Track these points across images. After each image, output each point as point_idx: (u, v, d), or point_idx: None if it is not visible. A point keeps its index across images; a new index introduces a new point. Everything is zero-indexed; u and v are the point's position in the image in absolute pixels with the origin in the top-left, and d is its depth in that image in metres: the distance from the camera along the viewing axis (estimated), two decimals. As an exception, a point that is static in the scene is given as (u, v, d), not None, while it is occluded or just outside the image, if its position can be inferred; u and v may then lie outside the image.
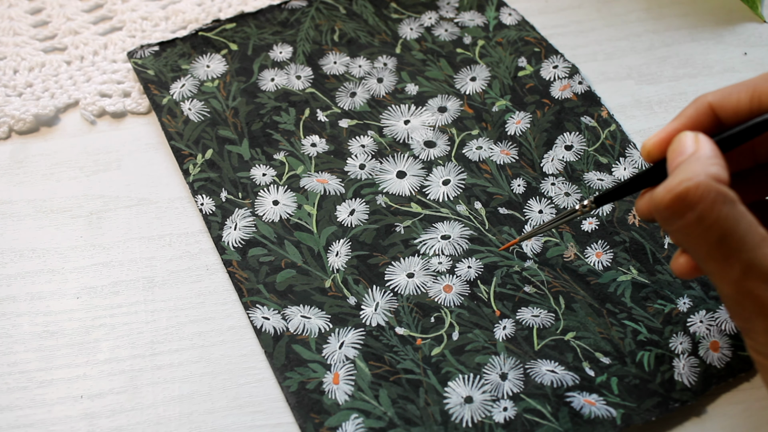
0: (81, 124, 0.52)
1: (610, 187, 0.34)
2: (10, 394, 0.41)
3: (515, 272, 0.45)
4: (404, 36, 0.56)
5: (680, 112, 0.34)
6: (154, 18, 0.58)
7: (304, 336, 0.42)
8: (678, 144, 0.32)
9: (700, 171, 0.30)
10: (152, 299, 0.44)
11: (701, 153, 0.31)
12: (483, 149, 0.50)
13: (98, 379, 0.41)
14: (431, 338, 0.42)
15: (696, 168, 0.30)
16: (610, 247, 0.46)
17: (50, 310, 0.44)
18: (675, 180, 0.30)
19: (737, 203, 0.30)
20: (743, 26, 0.58)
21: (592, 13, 0.59)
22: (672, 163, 0.32)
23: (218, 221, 0.47)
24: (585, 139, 0.50)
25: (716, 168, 0.31)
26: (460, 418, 0.40)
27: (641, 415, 0.39)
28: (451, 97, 0.53)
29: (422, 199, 0.48)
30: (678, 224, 0.31)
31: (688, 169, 0.30)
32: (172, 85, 0.53)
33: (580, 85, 0.53)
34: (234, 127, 0.51)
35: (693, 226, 0.30)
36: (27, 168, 0.50)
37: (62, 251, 0.46)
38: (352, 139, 0.50)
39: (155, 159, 0.50)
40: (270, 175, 0.49)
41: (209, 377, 0.42)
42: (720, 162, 0.31)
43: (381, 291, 0.44)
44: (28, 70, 0.55)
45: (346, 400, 0.40)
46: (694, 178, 0.30)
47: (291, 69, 0.54)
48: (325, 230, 0.46)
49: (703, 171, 0.30)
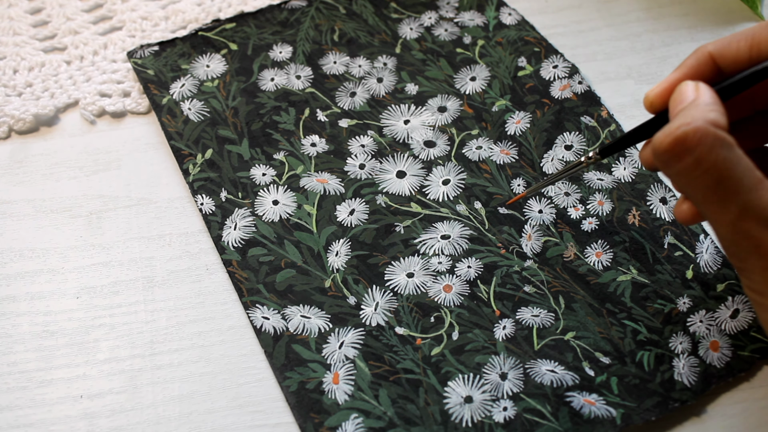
0: (81, 123, 0.52)
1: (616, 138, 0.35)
2: (10, 394, 0.41)
3: (515, 272, 0.45)
4: (404, 36, 0.56)
5: (681, 63, 0.35)
6: (154, 18, 0.58)
7: (303, 336, 0.42)
8: (679, 93, 0.33)
9: (698, 116, 0.31)
10: (152, 299, 0.44)
11: (701, 100, 0.32)
12: (483, 149, 0.50)
13: (98, 379, 0.41)
14: (431, 338, 0.42)
15: (695, 113, 0.31)
16: (609, 246, 0.46)
17: (50, 310, 0.44)
18: (674, 124, 0.31)
19: (734, 147, 0.31)
20: (743, 26, 0.58)
21: (592, 13, 0.59)
22: (673, 111, 0.33)
23: (218, 221, 0.47)
24: (585, 138, 0.50)
25: (715, 114, 0.31)
26: (459, 417, 0.39)
27: (641, 414, 0.39)
28: (451, 97, 0.53)
29: (422, 199, 0.48)
30: (677, 167, 0.32)
31: (688, 115, 0.31)
32: (171, 84, 0.53)
33: (580, 84, 0.53)
34: (234, 126, 0.51)
35: (691, 169, 0.31)
36: (27, 168, 0.50)
37: (62, 251, 0.46)
38: (351, 138, 0.50)
39: (155, 159, 0.50)
40: (270, 174, 0.49)
41: (209, 377, 0.42)
42: (719, 109, 0.32)
43: (381, 291, 0.44)
44: (27, 70, 0.55)
45: (345, 400, 0.40)
46: (692, 123, 0.30)
47: (291, 69, 0.54)
48: (324, 230, 0.46)
49: (701, 116, 0.31)
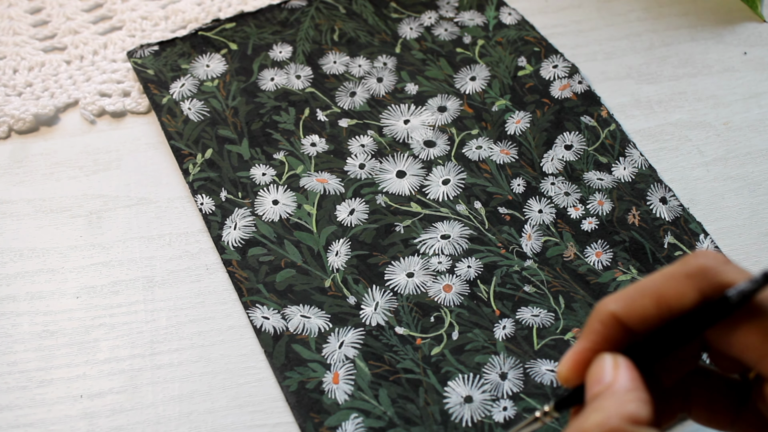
0: (81, 123, 0.52)
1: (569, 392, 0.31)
2: (10, 393, 0.41)
3: (515, 272, 0.45)
4: (404, 35, 0.56)
5: (587, 326, 0.30)
6: (154, 17, 0.58)
7: (303, 336, 0.42)
8: (596, 370, 0.29)
9: (614, 412, 0.27)
10: (152, 299, 0.44)
11: (618, 386, 0.28)
12: (483, 149, 0.50)
13: (98, 379, 0.41)
14: (431, 338, 0.42)
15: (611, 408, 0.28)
16: (609, 246, 0.46)
17: (50, 310, 0.44)
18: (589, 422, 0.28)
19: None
20: (743, 26, 0.58)
21: (592, 12, 0.59)
22: (590, 390, 0.29)
23: (218, 221, 0.47)
24: (585, 138, 0.50)
25: (633, 405, 0.28)
26: (459, 417, 0.39)
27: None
28: (451, 97, 0.53)
29: (422, 199, 0.48)
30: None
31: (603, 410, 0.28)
32: (171, 84, 0.53)
33: (579, 84, 0.53)
34: (234, 126, 0.51)
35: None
36: (27, 168, 0.50)
37: (62, 251, 0.46)
38: (351, 138, 0.50)
39: (155, 159, 0.50)
40: (270, 174, 0.49)
41: (209, 377, 0.42)
42: (639, 395, 0.28)
43: (381, 291, 0.44)
44: (27, 70, 0.55)
45: (345, 400, 0.40)
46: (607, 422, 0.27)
47: (291, 68, 0.54)
48: (324, 230, 0.46)
49: (617, 412, 0.27)
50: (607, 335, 0.30)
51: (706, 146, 0.51)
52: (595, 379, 0.29)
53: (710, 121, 0.52)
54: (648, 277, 0.29)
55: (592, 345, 0.30)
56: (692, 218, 0.47)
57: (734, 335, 0.28)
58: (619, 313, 0.29)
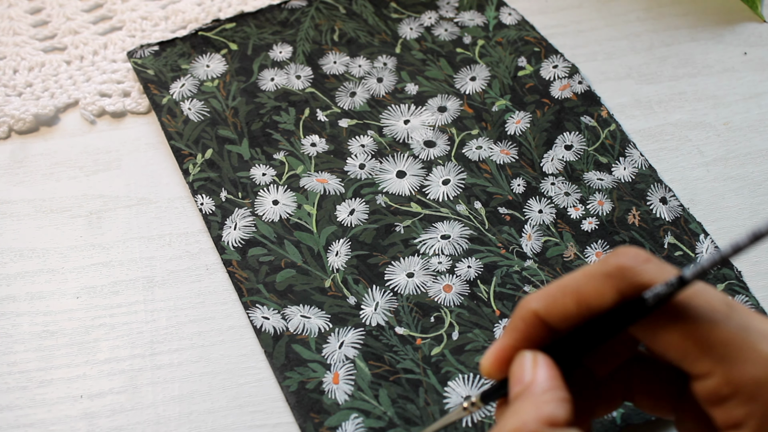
0: (81, 123, 0.52)
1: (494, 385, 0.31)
2: (10, 393, 0.41)
3: (515, 272, 0.45)
4: (404, 36, 0.56)
5: (510, 322, 0.31)
6: (154, 18, 0.58)
7: (303, 336, 0.42)
8: (516, 369, 0.30)
9: (531, 416, 0.27)
10: (152, 299, 0.44)
11: (535, 386, 0.28)
12: (483, 149, 0.50)
13: (98, 379, 0.41)
14: (431, 338, 0.42)
15: (528, 410, 0.28)
16: (609, 246, 0.46)
17: (50, 310, 0.44)
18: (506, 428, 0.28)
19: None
20: (743, 26, 0.58)
21: (592, 13, 0.59)
22: (512, 389, 0.29)
23: (218, 221, 0.47)
24: (585, 138, 0.50)
25: (551, 407, 0.28)
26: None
27: (641, 414, 0.39)
28: (451, 97, 0.53)
29: (422, 199, 0.48)
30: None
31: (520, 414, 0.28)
32: (171, 84, 0.53)
33: (579, 84, 0.53)
34: (234, 126, 0.51)
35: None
36: (27, 168, 0.50)
37: (62, 251, 0.46)
38: (351, 138, 0.50)
39: (155, 159, 0.50)
40: (270, 174, 0.49)
41: (209, 377, 0.42)
42: (557, 394, 0.28)
43: (381, 291, 0.44)
44: (27, 70, 0.55)
45: (345, 400, 0.40)
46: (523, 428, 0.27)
47: (291, 69, 0.54)
48: (324, 230, 0.46)
49: (535, 415, 0.27)
50: (529, 333, 0.30)
51: (706, 146, 0.51)
52: (516, 378, 0.29)
53: (710, 121, 0.52)
54: (570, 274, 0.29)
55: (514, 342, 0.30)
56: (692, 218, 0.47)
57: (657, 333, 0.28)
58: (540, 311, 0.29)
